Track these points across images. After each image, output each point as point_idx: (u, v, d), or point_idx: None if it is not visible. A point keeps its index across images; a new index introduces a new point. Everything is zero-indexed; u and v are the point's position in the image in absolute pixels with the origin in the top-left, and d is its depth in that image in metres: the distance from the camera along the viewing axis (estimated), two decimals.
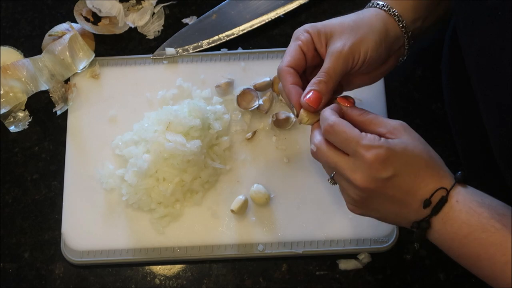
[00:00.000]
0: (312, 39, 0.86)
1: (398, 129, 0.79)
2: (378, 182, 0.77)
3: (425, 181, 0.77)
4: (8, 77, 1.06)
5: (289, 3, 1.13)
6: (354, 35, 0.84)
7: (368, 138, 0.76)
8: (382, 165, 0.76)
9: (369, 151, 0.76)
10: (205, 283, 0.99)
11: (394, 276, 0.99)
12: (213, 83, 1.07)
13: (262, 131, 1.05)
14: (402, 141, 0.77)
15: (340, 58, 0.83)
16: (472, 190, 0.77)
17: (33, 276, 1.00)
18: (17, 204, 1.04)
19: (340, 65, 0.83)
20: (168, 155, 0.97)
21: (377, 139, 0.77)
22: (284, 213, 1.00)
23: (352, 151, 0.77)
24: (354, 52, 0.84)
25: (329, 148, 0.79)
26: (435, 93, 1.06)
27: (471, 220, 0.74)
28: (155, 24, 1.13)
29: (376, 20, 0.87)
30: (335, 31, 0.85)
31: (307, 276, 0.99)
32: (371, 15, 0.87)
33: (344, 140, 0.78)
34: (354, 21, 0.86)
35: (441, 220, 0.76)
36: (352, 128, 0.78)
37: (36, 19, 1.15)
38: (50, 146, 1.07)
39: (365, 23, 0.86)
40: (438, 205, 0.76)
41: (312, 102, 0.82)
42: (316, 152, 0.81)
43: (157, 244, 0.99)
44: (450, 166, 0.79)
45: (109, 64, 1.10)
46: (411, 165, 0.77)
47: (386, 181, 0.76)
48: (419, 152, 0.77)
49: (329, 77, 0.83)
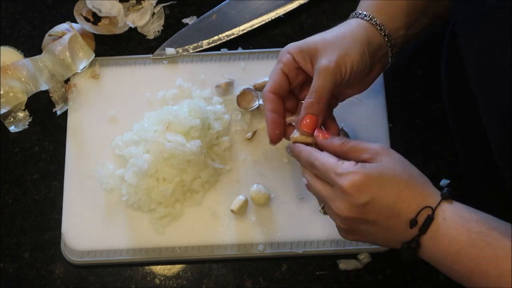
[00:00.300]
0: (294, 59, 0.88)
1: (379, 153, 0.79)
2: (357, 208, 0.78)
3: (407, 202, 0.77)
4: (8, 77, 1.06)
5: (289, 3, 1.13)
6: (338, 49, 0.85)
7: (343, 166, 0.78)
8: (358, 191, 0.77)
9: (345, 178, 0.77)
10: (205, 283, 0.99)
11: (394, 276, 0.99)
12: (213, 83, 1.07)
13: (262, 131, 1.05)
14: (379, 165, 0.78)
15: (328, 75, 0.84)
16: (460, 206, 0.77)
17: (33, 276, 1.00)
18: (17, 204, 1.04)
19: (329, 81, 0.84)
20: (168, 155, 0.97)
21: (352, 165, 0.78)
22: (284, 213, 1.00)
23: (331, 181, 0.79)
24: (340, 66, 0.85)
25: (315, 180, 0.82)
26: (435, 93, 1.06)
27: (461, 236, 0.74)
28: (155, 24, 1.13)
29: (358, 31, 0.88)
30: (318, 47, 0.86)
31: (307, 276, 0.99)
32: (352, 26, 0.88)
33: (324, 172, 0.80)
34: (336, 35, 0.87)
35: (430, 239, 0.76)
36: (329, 158, 0.80)
37: (36, 19, 1.15)
38: (50, 146, 1.07)
39: (347, 36, 0.87)
40: (425, 224, 0.76)
41: (309, 127, 0.84)
42: (307, 184, 0.84)
43: (157, 244, 0.99)
44: (450, 166, 0.79)
45: (109, 64, 1.10)
46: (390, 188, 0.77)
47: (366, 206, 0.77)
48: (398, 173, 0.78)
49: (320, 96, 0.84)
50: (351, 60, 0.85)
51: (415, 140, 1.05)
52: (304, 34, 1.12)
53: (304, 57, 0.87)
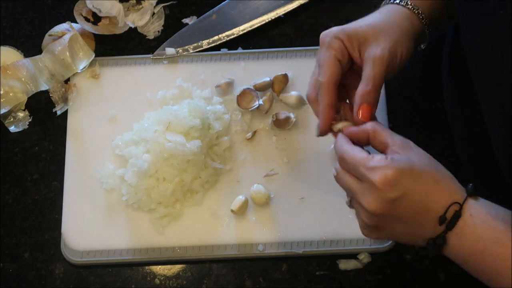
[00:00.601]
0: (345, 46, 0.85)
1: (404, 145, 0.78)
2: (388, 203, 0.76)
3: (436, 197, 0.75)
4: (8, 77, 1.06)
5: (289, 3, 1.13)
6: (389, 38, 0.84)
7: (374, 160, 0.76)
8: (390, 186, 0.75)
9: (376, 173, 0.75)
10: (205, 283, 0.99)
11: (394, 276, 0.99)
12: (213, 83, 1.07)
13: (262, 131, 1.05)
14: (409, 158, 0.76)
15: (383, 64, 0.82)
16: (485, 203, 0.76)
17: (33, 276, 1.00)
18: (17, 204, 1.04)
19: (383, 70, 0.83)
20: (168, 155, 0.97)
21: (383, 159, 0.76)
22: (284, 213, 1.00)
23: (361, 175, 0.77)
24: (393, 56, 0.83)
25: (344, 173, 0.80)
26: (435, 93, 1.06)
27: (487, 234, 0.73)
28: (155, 24, 1.13)
29: (404, 20, 0.86)
30: (369, 35, 0.84)
31: (307, 276, 0.99)
32: (397, 15, 0.87)
33: (353, 166, 0.78)
34: (385, 23, 0.85)
35: (456, 235, 0.75)
36: (359, 153, 0.78)
37: (36, 19, 1.15)
38: (50, 146, 1.07)
39: (396, 25, 0.85)
40: (452, 220, 0.75)
41: (365, 117, 0.82)
42: (336, 176, 0.82)
43: (157, 244, 0.99)
44: (450, 166, 0.79)
45: (109, 64, 1.10)
46: (420, 182, 0.75)
47: (396, 201, 0.75)
48: (427, 167, 0.76)
49: (376, 85, 0.82)
50: (401, 50, 0.84)
51: (415, 140, 1.04)
52: (304, 34, 1.13)
53: (353, 44, 0.84)
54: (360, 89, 0.82)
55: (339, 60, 0.84)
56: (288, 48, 1.10)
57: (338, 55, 0.84)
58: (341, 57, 0.84)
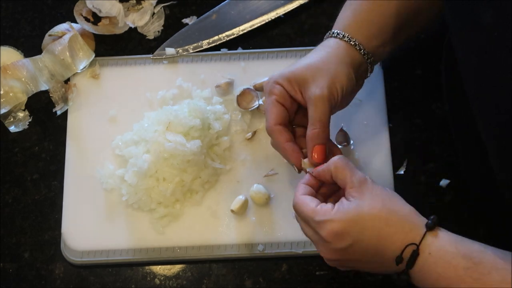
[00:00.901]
0: (285, 90, 0.88)
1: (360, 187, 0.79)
2: (340, 252, 0.78)
3: (389, 240, 0.77)
4: (8, 77, 1.06)
5: (289, 3, 1.13)
6: (327, 75, 0.86)
7: (320, 214, 0.79)
8: (337, 238, 0.78)
9: (323, 227, 0.78)
10: (205, 283, 0.99)
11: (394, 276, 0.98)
12: (213, 83, 1.07)
13: (262, 131, 1.05)
14: (358, 205, 0.78)
15: (324, 102, 0.85)
16: (445, 238, 0.77)
17: (33, 276, 1.00)
18: (17, 204, 1.04)
19: (327, 108, 0.85)
20: (168, 155, 0.97)
21: (329, 211, 0.78)
22: (284, 213, 1.00)
23: (313, 227, 0.81)
24: (332, 92, 0.85)
25: (301, 221, 0.84)
26: (435, 93, 1.06)
27: (448, 273, 0.74)
28: (155, 24, 1.13)
29: (341, 53, 0.88)
30: (307, 76, 0.86)
31: (307, 276, 0.99)
32: (334, 48, 0.89)
33: (304, 218, 0.81)
34: (321, 61, 0.87)
35: (419, 272, 0.77)
36: (308, 204, 0.80)
37: (36, 19, 1.15)
38: (50, 146, 1.07)
39: (333, 59, 0.87)
40: (410, 259, 0.76)
41: (319, 158, 0.85)
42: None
43: (157, 244, 0.99)
44: (450, 166, 0.79)
45: (109, 64, 1.10)
46: (370, 229, 0.77)
47: (349, 249, 0.78)
48: (378, 212, 0.77)
49: (323, 124, 0.85)
50: (340, 84, 0.86)
51: (415, 140, 1.05)
52: (304, 34, 1.12)
53: (293, 87, 0.87)
54: (309, 132, 0.85)
55: (281, 104, 0.88)
56: (288, 48, 1.10)
57: (280, 99, 0.88)
58: (283, 101, 0.88)
